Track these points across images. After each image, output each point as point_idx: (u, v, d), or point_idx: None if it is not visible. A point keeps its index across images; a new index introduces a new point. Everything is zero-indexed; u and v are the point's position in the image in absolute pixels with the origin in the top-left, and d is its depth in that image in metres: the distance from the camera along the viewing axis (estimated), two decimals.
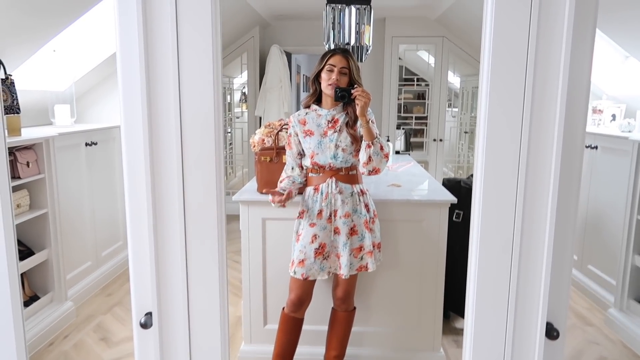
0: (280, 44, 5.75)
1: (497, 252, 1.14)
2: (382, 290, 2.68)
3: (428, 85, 6.26)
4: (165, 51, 1.13)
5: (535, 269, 1.14)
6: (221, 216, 1.20)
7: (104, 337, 3.04)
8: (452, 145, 6.57)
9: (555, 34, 1.08)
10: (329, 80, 2.19)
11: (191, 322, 1.23)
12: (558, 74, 1.08)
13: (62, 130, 3.37)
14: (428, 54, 6.56)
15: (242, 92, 7.03)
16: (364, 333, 2.69)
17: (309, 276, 2.26)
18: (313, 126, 2.27)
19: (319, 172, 2.28)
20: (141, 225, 1.17)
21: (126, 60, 1.12)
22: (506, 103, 1.11)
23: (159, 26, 1.12)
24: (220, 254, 1.21)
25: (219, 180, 1.19)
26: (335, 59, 2.20)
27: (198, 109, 1.16)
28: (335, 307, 2.44)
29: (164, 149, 1.17)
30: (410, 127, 7.01)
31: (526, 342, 1.16)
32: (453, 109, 7.09)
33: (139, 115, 1.13)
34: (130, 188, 1.17)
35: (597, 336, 3.10)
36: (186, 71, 1.14)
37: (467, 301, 1.19)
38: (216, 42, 1.14)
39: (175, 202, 1.18)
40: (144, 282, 1.19)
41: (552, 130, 1.10)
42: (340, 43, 3.01)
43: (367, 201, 2.31)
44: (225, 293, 1.23)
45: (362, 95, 2.11)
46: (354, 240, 2.26)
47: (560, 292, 1.15)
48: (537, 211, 1.13)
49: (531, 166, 1.12)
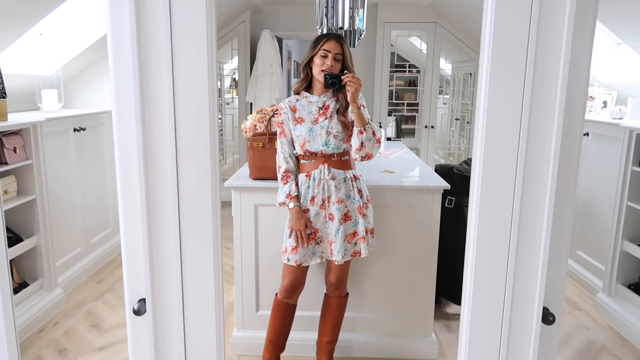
0: (272, 29, 5.68)
1: (494, 239, 1.14)
2: (375, 276, 2.68)
3: (420, 72, 6.24)
4: (158, 34, 1.10)
5: (533, 254, 1.14)
6: (216, 201, 1.18)
7: (94, 324, 3.02)
8: (443, 132, 6.58)
9: (557, 22, 1.06)
10: (322, 65, 2.16)
11: (185, 308, 1.22)
12: (559, 62, 1.07)
13: (50, 115, 3.31)
14: (420, 40, 6.54)
15: (233, 77, 6.97)
16: (356, 319, 2.70)
17: (302, 262, 2.26)
18: (304, 113, 2.24)
19: (311, 159, 2.26)
20: (134, 210, 1.15)
21: (117, 45, 1.09)
22: (506, 91, 1.10)
23: (152, 8, 1.09)
24: (215, 240, 1.19)
25: (213, 166, 1.17)
26: (330, 45, 2.16)
27: (192, 95, 1.14)
28: (328, 293, 2.44)
29: (157, 134, 1.14)
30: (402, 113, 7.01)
31: (523, 327, 1.17)
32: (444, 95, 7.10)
33: (131, 100, 1.10)
34: (122, 173, 1.15)
35: (586, 321, 3.14)
36: (180, 56, 1.12)
37: (465, 287, 1.19)
38: (210, 25, 1.12)
39: (169, 188, 1.16)
40: (137, 268, 1.17)
41: (552, 117, 1.09)
42: (334, 28, 2.98)
43: (360, 187, 2.30)
44: (220, 278, 1.22)
45: (352, 81, 2.08)
46: (348, 226, 2.26)
47: (557, 277, 1.15)
48: (536, 198, 1.12)
49: (530, 153, 1.11)
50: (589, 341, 2.90)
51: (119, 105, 1.12)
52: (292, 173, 2.27)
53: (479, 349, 1.18)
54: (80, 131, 3.60)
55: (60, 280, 3.30)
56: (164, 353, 1.25)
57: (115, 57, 1.10)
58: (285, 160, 2.27)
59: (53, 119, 3.26)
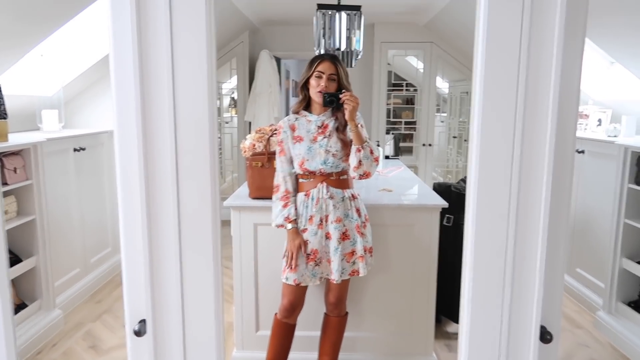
0: (270, 49, 5.75)
1: (491, 257, 1.15)
2: (374, 295, 2.68)
3: (417, 90, 6.29)
4: (160, 56, 1.12)
5: (529, 273, 1.15)
6: (216, 222, 1.19)
7: (93, 345, 3.00)
8: (441, 150, 6.61)
9: (546, 42, 1.09)
10: (318, 87, 2.19)
11: (186, 329, 1.22)
12: (549, 80, 1.10)
13: (50, 135, 3.34)
14: (417, 59, 6.61)
15: (232, 97, 7.01)
16: (356, 338, 2.69)
17: (301, 282, 2.26)
18: (303, 132, 2.27)
19: (310, 178, 2.27)
20: (135, 231, 1.16)
21: (119, 65, 1.11)
22: (499, 109, 1.12)
23: (153, 31, 1.11)
24: (216, 260, 1.20)
25: (213, 186, 1.18)
26: (324, 66, 2.20)
27: (192, 114, 1.15)
28: (327, 313, 2.44)
29: (158, 155, 1.16)
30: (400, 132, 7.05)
31: (521, 346, 1.17)
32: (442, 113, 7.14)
33: (133, 121, 1.12)
34: (123, 193, 1.16)
35: (587, 339, 3.13)
36: (181, 76, 1.14)
37: (462, 306, 1.19)
38: (210, 46, 1.14)
39: (169, 208, 1.17)
40: (137, 289, 1.18)
41: (544, 135, 1.11)
42: (331, 48, 3.02)
43: (358, 206, 2.31)
44: (220, 299, 1.23)
45: (350, 99, 2.11)
46: (346, 245, 2.26)
47: (553, 295, 1.16)
48: (530, 216, 1.14)
49: (524, 172, 1.13)
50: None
51: (121, 125, 1.13)
52: (291, 195, 2.28)
53: None
54: (80, 151, 3.62)
55: (58, 300, 3.28)
56: None
57: (117, 77, 1.12)
58: (284, 180, 2.29)
59: (53, 139, 3.28)
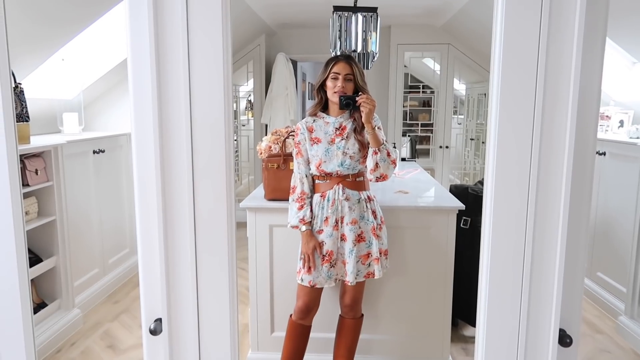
0: (286, 52, 5.78)
1: (508, 260, 1.14)
2: (390, 298, 2.66)
3: (434, 92, 6.26)
4: (176, 59, 1.14)
5: (548, 275, 1.13)
6: (231, 223, 1.20)
7: (111, 345, 3.04)
8: (458, 152, 6.56)
9: (566, 42, 1.08)
10: (335, 88, 2.19)
11: (201, 329, 1.23)
12: (569, 82, 1.08)
13: (71, 138, 3.39)
14: (433, 61, 6.58)
15: (248, 100, 7.06)
16: (371, 341, 2.68)
17: (317, 284, 2.25)
18: (320, 134, 2.27)
19: (326, 179, 2.27)
20: (151, 231, 1.17)
21: (137, 68, 1.13)
22: (517, 111, 1.11)
23: (170, 34, 1.13)
24: (230, 261, 1.20)
25: (229, 187, 1.19)
26: (339, 67, 2.20)
27: (208, 116, 1.16)
28: (342, 315, 2.43)
29: (174, 156, 1.17)
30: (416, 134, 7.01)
31: (539, 350, 1.15)
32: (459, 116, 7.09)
33: (150, 123, 1.14)
34: (140, 195, 1.17)
35: (608, 344, 3.07)
36: (197, 78, 1.15)
37: (479, 309, 1.18)
38: (227, 49, 1.15)
39: (185, 209, 1.19)
40: (153, 288, 1.19)
41: (564, 137, 1.09)
42: (347, 50, 3.02)
43: (374, 208, 2.31)
44: (235, 299, 1.23)
45: (366, 102, 2.11)
46: (361, 247, 2.25)
47: (573, 298, 1.14)
48: (549, 218, 1.12)
49: (542, 174, 1.11)
50: None
51: (138, 128, 1.15)
52: (307, 197, 2.28)
53: None
54: (99, 153, 3.67)
55: (78, 300, 3.33)
56: None
57: (135, 80, 1.13)
58: (301, 182, 2.29)
59: (73, 142, 3.34)
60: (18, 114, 2.88)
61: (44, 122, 3.67)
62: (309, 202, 2.28)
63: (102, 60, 3.76)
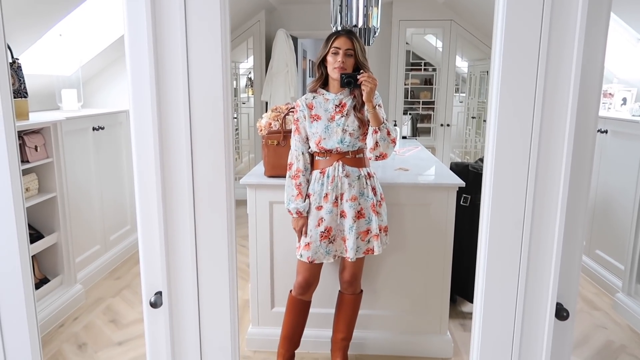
0: (287, 28, 5.71)
1: (507, 233, 1.14)
2: (389, 274, 2.68)
3: (435, 70, 6.21)
4: (174, 33, 1.12)
5: (546, 250, 1.13)
6: (230, 197, 1.20)
7: (113, 319, 3.08)
8: (459, 131, 6.54)
9: (570, 17, 1.06)
10: (335, 63, 2.17)
11: (201, 302, 1.24)
12: (571, 58, 1.07)
13: (70, 114, 3.38)
14: (436, 38, 6.50)
15: (248, 77, 7.01)
16: (370, 316, 2.71)
17: (315, 259, 2.27)
18: (320, 110, 2.26)
19: (326, 156, 2.27)
20: (150, 205, 1.17)
21: (134, 44, 1.11)
22: (518, 88, 1.09)
23: (167, 8, 1.11)
24: (229, 233, 1.21)
25: (228, 162, 1.19)
26: (340, 41, 2.18)
27: (207, 93, 1.16)
28: (342, 290, 2.46)
29: (173, 133, 1.17)
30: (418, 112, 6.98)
31: (536, 323, 1.16)
32: (460, 94, 7.05)
33: (148, 98, 1.13)
34: (139, 171, 1.17)
35: (605, 320, 3.10)
36: (195, 54, 1.14)
37: (477, 281, 1.19)
38: (224, 24, 1.13)
39: (184, 184, 1.19)
40: (153, 261, 1.20)
41: (565, 115, 1.09)
42: (348, 25, 2.98)
43: (374, 184, 2.31)
44: (234, 273, 1.24)
45: (368, 80, 2.09)
46: (361, 224, 2.26)
47: (571, 272, 1.15)
48: (549, 195, 1.12)
49: (543, 151, 1.11)
50: (608, 341, 2.86)
51: (136, 104, 1.14)
52: (303, 174, 2.28)
53: (492, 344, 1.18)
54: (99, 130, 3.66)
55: (80, 276, 3.36)
56: (179, 346, 1.27)
57: (133, 57, 1.12)
58: (297, 159, 2.29)
59: (72, 118, 3.32)
60: (16, 90, 2.86)
61: (43, 98, 3.65)
62: (305, 180, 2.28)
63: (100, 36, 3.72)
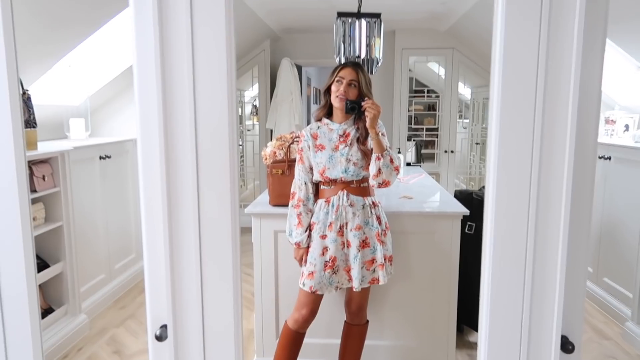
0: (291, 57, 5.80)
1: (510, 265, 1.14)
2: (395, 303, 2.66)
3: (438, 96, 6.26)
4: (181, 64, 1.15)
5: (549, 281, 1.13)
6: (235, 228, 1.21)
7: (117, 350, 3.05)
8: (463, 157, 6.55)
9: (566, 44, 1.08)
10: (337, 92, 2.21)
11: (206, 335, 1.24)
12: (569, 85, 1.08)
13: (77, 143, 3.42)
14: (438, 65, 6.58)
15: (253, 104, 7.09)
16: (377, 346, 2.68)
17: (318, 290, 2.24)
18: (324, 140, 2.28)
19: (331, 185, 2.28)
20: (157, 237, 1.18)
21: (143, 74, 1.14)
22: (517, 115, 1.11)
23: (175, 40, 1.14)
24: (235, 266, 1.21)
25: (233, 193, 1.20)
26: (345, 72, 2.22)
27: (213, 122, 1.17)
28: (348, 321, 2.43)
29: (179, 162, 1.18)
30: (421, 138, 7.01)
31: (541, 356, 1.15)
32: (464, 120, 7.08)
33: (155, 129, 1.15)
34: (146, 200, 1.19)
35: (614, 350, 3.05)
36: (201, 84, 1.16)
37: (481, 314, 1.18)
38: (230, 55, 1.16)
39: (190, 215, 1.20)
40: (159, 294, 1.20)
41: (564, 141, 1.10)
42: (351, 56, 3.04)
43: (379, 213, 2.31)
44: (239, 305, 1.24)
45: (371, 107, 2.12)
46: (366, 253, 2.26)
47: (575, 304, 1.14)
48: (550, 223, 1.12)
49: (543, 178, 1.12)
50: None
51: (144, 133, 1.16)
52: (304, 204, 2.30)
53: None
54: (105, 159, 3.70)
55: (84, 305, 3.35)
56: None
57: (141, 86, 1.15)
58: (299, 188, 2.31)
59: (80, 147, 3.37)
60: (25, 121, 2.91)
61: (51, 128, 3.71)
62: (306, 210, 2.29)
63: (109, 66, 3.79)
